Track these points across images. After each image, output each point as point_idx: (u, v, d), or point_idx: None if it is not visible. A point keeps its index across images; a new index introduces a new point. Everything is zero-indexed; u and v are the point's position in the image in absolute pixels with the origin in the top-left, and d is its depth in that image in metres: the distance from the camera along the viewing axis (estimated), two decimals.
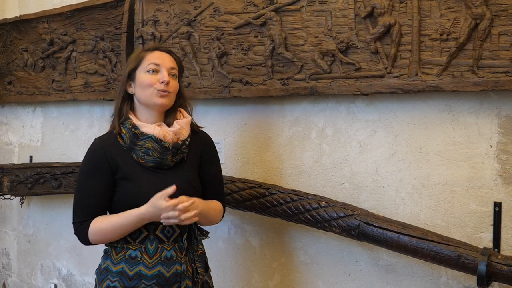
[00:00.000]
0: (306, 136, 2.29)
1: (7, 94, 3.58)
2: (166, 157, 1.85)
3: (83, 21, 3.05)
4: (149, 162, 1.84)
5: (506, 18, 1.74)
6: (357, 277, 2.18)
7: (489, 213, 1.85)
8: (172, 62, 1.92)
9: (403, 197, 2.04)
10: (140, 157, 1.84)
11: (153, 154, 1.83)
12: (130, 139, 1.85)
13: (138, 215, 1.77)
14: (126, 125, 1.87)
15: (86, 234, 1.84)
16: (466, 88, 1.81)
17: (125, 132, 1.87)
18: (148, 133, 1.83)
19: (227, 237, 2.59)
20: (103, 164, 1.85)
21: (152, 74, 1.86)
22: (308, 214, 2.09)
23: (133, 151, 1.85)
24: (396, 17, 1.95)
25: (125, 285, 1.81)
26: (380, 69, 1.99)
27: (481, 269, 1.68)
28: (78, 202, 1.88)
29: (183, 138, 1.90)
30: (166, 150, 1.84)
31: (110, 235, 1.82)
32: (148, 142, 1.83)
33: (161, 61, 1.88)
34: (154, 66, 1.87)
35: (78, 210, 1.88)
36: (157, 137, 1.82)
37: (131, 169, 1.85)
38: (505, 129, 1.83)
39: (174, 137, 1.86)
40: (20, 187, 3.29)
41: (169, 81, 1.86)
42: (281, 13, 2.23)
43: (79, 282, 3.35)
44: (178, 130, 1.89)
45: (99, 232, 1.82)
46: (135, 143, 1.85)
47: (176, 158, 1.88)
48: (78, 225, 1.87)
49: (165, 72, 1.86)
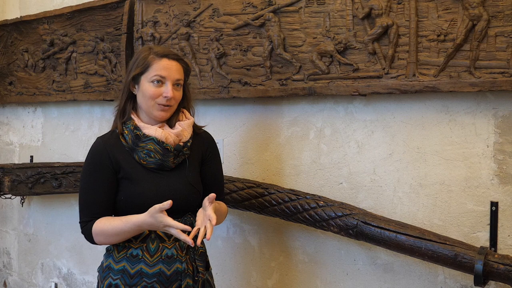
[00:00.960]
0: (304, 136, 2.29)
1: (8, 95, 3.57)
2: (167, 159, 1.84)
3: (83, 22, 3.05)
4: (150, 164, 1.84)
5: (503, 19, 1.74)
6: (355, 276, 2.17)
7: (486, 212, 1.85)
8: (179, 72, 1.87)
9: (401, 196, 2.04)
10: (142, 159, 1.84)
11: (155, 155, 1.82)
12: (132, 140, 1.84)
13: (137, 223, 1.75)
14: (129, 126, 1.86)
15: (90, 235, 1.84)
16: (463, 89, 1.81)
17: (127, 133, 1.85)
18: (150, 135, 1.82)
19: (226, 236, 2.58)
20: (106, 163, 1.84)
21: (156, 85, 1.82)
22: (306, 214, 2.09)
23: (135, 152, 1.85)
24: (394, 18, 1.94)
25: (127, 283, 1.81)
26: (378, 69, 1.99)
27: (478, 268, 1.68)
28: (83, 202, 1.87)
29: (185, 140, 1.89)
30: (167, 152, 1.83)
31: (111, 238, 1.82)
32: (150, 144, 1.82)
33: (167, 73, 1.82)
34: (160, 78, 1.82)
35: (83, 210, 1.87)
36: (159, 139, 1.81)
37: (133, 169, 1.84)
38: (501, 129, 1.83)
39: (176, 139, 1.85)
40: (21, 187, 3.28)
41: (172, 96, 1.82)
42: (280, 14, 2.23)
43: (79, 281, 3.34)
44: (180, 132, 1.87)
45: (101, 234, 1.82)
46: (137, 145, 1.84)
47: (177, 159, 1.87)
48: (83, 225, 1.86)
49: (169, 85, 1.82)
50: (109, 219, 1.83)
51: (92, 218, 1.84)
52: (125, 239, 1.82)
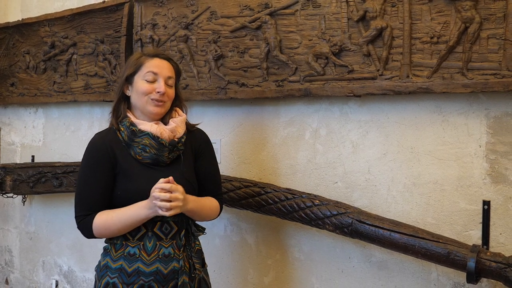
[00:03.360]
0: (300, 136, 2.27)
1: (9, 96, 3.56)
2: (162, 153, 1.84)
3: (83, 25, 3.03)
4: (146, 159, 1.83)
5: (495, 21, 1.73)
6: (349, 273, 2.16)
7: (478, 211, 1.84)
8: (170, 70, 1.90)
9: (395, 195, 2.03)
10: (138, 154, 1.83)
11: (150, 150, 1.82)
12: (128, 136, 1.84)
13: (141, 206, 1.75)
14: (124, 123, 1.86)
15: (90, 227, 1.81)
16: (456, 90, 1.79)
17: (123, 129, 1.86)
18: (146, 130, 1.83)
19: (223, 234, 2.57)
20: (104, 157, 1.84)
21: (149, 82, 1.85)
22: (302, 212, 2.07)
23: (131, 147, 1.84)
24: (388, 21, 1.93)
25: (124, 281, 1.79)
26: (372, 71, 1.97)
27: (471, 266, 1.67)
28: (80, 196, 1.85)
29: (179, 136, 1.89)
30: (162, 147, 1.83)
31: (114, 227, 1.78)
32: (146, 139, 1.82)
33: (159, 70, 1.86)
34: (152, 75, 1.85)
35: (80, 204, 1.85)
36: (154, 134, 1.82)
37: (129, 165, 1.84)
38: (493, 129, 1.81)
39: (171, 134, 1.86)
40: (22, 186, 3.28)
41: (165, 91, 1.85)
42: (276, 16, 2.21)
43: (80, 278, 3.32)
44: (174, 128, 1.88)
45: (104, 225, 1.79)
46: (132, 140, 1.84)
47: (172, 155, 1.87)
48: (81, 219, 1.84)
49: (162, 81, 1.85)
50: (111, 210, 1.82)
51: (89, 212, 1.82)
52: (127, 227, 1.78)
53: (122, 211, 1.78)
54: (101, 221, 1.80)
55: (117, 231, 1.80)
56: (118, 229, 1.79)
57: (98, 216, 1.81)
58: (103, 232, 1.82)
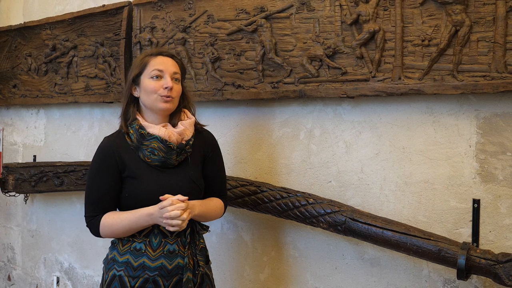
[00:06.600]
0: (295, 136, 2.26)
1: (12, 97, 3.53)
2: (170, 156, 1.83)
3: (84, 28, 3.00)
4: (154, 161, 1.82)
5: (485, 25, 1.71)
6: (343, 270, 2.14)
7: (468, 209, 1.82)
8: (175, 66, 1.88)
9: (387, 194, 2.01)
10: (146, 156, 1.82)
11: (158, 153, 1.81)
12: (137, 139, 1.83)
13: (147, 214, 1.75)
14: (134, 126, 1.85)
15: (97, 228, 1.84)
16: (447, 91, 1.78)
17: (133, 132, 1.84)
18: (154, 134, 1.81)
19: (220, 232, 2.54)
20: (112, 162, 1.83)
21: (156, 80, 1.83)
22: (297, 211, 2.06)
23: (140, 150, 1.83)
24: (380, 24, 1.91)
25: (130, 275, 1.80)
26: (365, 73, 1.96)
27: (461, 263, 1.66)
28: (89, 198, 1.87)
29: (187, 138, 1.87)
30: (171, 150, 1.82)
31: (118, 231, 1.81)
32: (154, 142, 1.81)
33: (164, 66, 1.84)
34: (158, 72, 1.83)
35: (89, 205, 1.87)
36: (163, 138, 1.81)
37: (138, 167, 1.83)
38: (483, 130, 1.80)
39: (179, 137, 1.84)
40: (24, 185, 3.26)
41: (172, 86, 1.83)
42: (272, 20, 2.19)
43: (80, 274, 3.29)
44: (183, 131, 1.86)
45: (109, 227, 1.81)
46: (141, 143, 1.83)
47: (180, 157, 1.86)
48: (89, 219, 1.86)
49: (168, 77, 1.83)
50: (117, 213, 1.84)
51: (97, 214, 1.84)
52: (131, 231, 1.80)
53: (127, 216, 1.79)
54: (107, 224, 1.82)
55: (121, 234, 1.82)
56: (123, 232, 1.82)
57: (104, 219, 1.82)
58: (109, 234, 1.84)
